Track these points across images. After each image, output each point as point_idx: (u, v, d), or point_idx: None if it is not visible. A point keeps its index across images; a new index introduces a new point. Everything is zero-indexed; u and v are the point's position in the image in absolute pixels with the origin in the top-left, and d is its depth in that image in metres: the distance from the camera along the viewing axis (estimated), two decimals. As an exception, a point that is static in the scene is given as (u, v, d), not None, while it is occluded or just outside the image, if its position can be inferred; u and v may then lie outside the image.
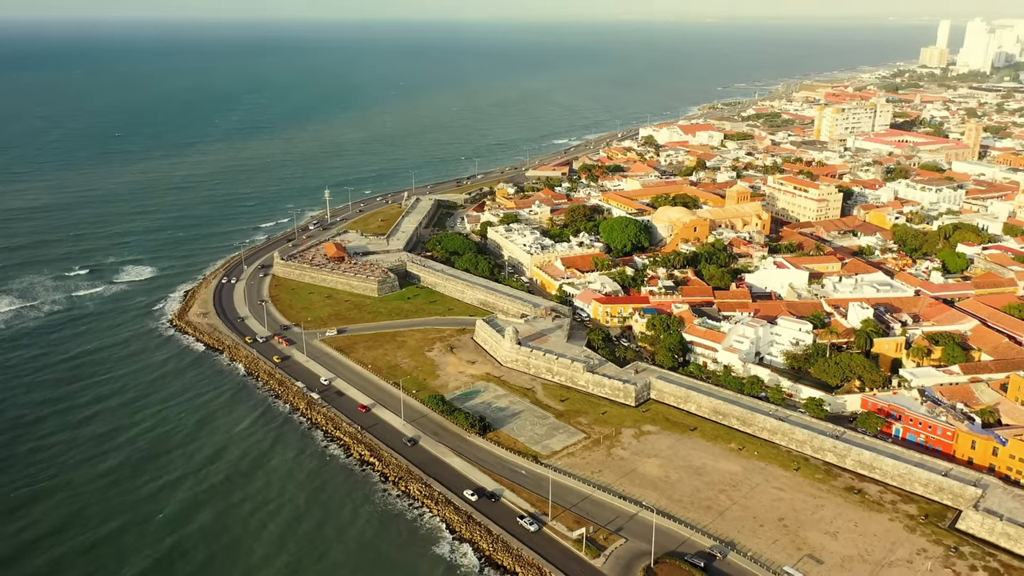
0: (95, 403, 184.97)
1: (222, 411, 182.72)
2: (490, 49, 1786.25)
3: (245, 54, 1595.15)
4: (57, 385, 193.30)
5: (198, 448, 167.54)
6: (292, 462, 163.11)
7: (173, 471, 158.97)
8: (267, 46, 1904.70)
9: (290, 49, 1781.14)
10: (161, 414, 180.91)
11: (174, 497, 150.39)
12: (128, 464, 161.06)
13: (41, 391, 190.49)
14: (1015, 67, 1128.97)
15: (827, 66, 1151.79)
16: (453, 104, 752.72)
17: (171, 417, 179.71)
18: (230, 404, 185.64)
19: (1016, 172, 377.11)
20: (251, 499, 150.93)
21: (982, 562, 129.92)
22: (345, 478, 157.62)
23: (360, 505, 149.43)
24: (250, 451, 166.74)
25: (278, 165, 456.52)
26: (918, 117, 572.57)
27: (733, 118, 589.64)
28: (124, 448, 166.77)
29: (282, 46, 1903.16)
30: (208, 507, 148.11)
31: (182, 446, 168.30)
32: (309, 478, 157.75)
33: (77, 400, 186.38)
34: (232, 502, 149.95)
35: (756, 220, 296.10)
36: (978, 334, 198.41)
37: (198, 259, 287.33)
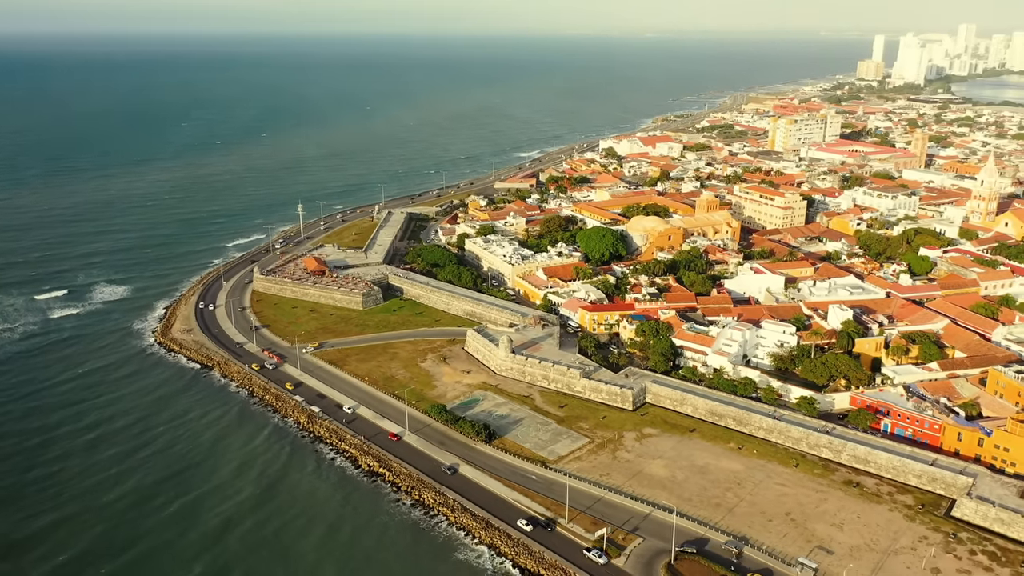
0: (99, 426, 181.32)
1: (232, 429, 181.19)
2: (438, 63, 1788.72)
3: (181, 69, 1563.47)
4: (56, 409, 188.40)
5: (216, 466, 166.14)
6: (313, 476, 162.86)
7: (195, 490, 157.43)
8: (203, 60, 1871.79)
9: (229, 63, 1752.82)
10: (172, 434, 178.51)
11: (202, 517, 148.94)
12: (149, 485, 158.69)
13: (41, 416, 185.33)
14: (946, 79, 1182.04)
15: (770, 79, 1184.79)
16: (409, 118, 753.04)
17: (183, 436, 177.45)
18: (239, 421, 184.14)
19: (963, 179, 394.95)
20: (279, 515, 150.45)
21: (980, 547, 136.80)
22: (367, 492, 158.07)
23: (389, 519, 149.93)
24: (268, 467, 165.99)
25: (239, 181, 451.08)
26: (864, 128, 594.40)
27: (688, 129, 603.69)
28: (140, 469, 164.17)
29: (219, 60, 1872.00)
30: (238, 526, 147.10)
31: (200, 464, 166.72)
32: (333, 491, 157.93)
33: (80, 423, 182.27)
34: (261, 519, 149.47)
35: (726, 228, 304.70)
36: (950, 332, 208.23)
37: (172, 277, 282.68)
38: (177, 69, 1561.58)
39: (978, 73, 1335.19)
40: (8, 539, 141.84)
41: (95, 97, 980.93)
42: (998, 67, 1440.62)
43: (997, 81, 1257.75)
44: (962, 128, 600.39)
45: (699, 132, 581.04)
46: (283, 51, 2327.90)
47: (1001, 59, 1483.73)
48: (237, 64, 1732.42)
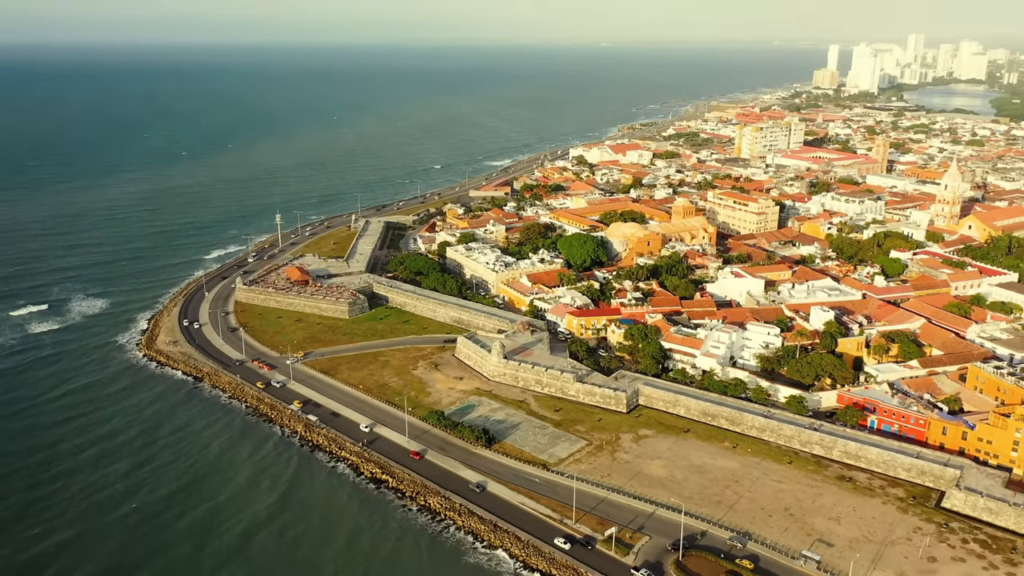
0: (100, 441, 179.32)
1: (235, 441, 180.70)
2: (399, 73, 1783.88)
3: (139, 79, 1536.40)
4: (53, 426, 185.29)
5: (225, 479, 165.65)
6: (324, 486, 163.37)
7: (206, 503, 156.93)
8: (163, 70, 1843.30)
9: (189, 74, 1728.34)
10: (175, 447, 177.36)
11: (218, 529, 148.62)
12: (159, 499, 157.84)
13: (39, 433, 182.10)
14: (898, 88, 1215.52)
15: (728, 88, 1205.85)
16: (376, 129, 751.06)
17: (187, 450, 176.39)
18: (241, 433, 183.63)
19: (925, 184, 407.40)
20: (295, 525, 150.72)
21: (971, 535, 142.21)
22: (377, 500, 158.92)
23: (398, 524, 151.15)
24: (278, 478, 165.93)
25: (209, 193, 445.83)
26: (826, 135, 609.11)
27: (655, 137, 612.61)
28: (148, 483, 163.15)
29: (180, 71, 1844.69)
30: (256, 537, 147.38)
31: (207, 477, 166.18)
32: (350, 501, 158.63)
33: (80, 439, 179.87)
34: (277, 529, 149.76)
35: (703, 233, 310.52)
36: (926, 331, 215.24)
37: (151, 290, 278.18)
38: (141, 79, 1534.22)
39: (928, 81, 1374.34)
40: (20, 560, 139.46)
41: (56, 107, 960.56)
42: (946, 76, 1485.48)
43: (945, 89, 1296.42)
44: (919, 135, 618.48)
45: (666, 140, 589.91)
46: (244, 62, 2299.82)
47: (948, 68, 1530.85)
48: (200, 75, 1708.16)
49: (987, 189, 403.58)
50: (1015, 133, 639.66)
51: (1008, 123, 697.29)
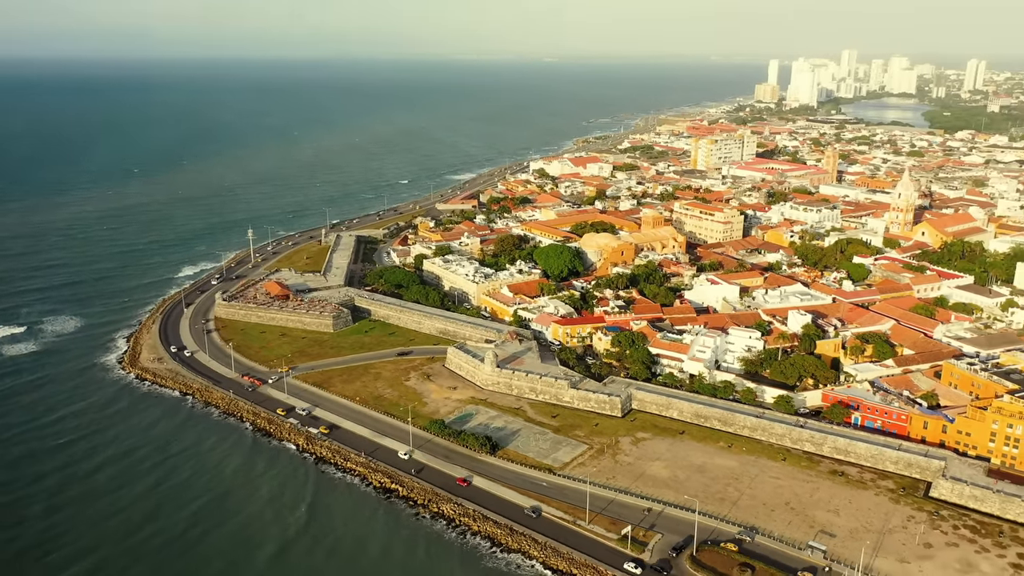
0: (112, 463, 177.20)
1: (247, 457, 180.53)
2: (349, 87, 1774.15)
3: (77, 93, 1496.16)
4: (58, 450, 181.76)
5: (245, 496, 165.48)
6: (344, 499, 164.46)
7: (230, 520, 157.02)
8: (103, 84, 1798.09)
9: (132, 88, 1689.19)
10: (188, 466, 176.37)
11: (248, 547, 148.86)
12: (183, 519, 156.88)
13: (45, 458, 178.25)
14: (835, 101, 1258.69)
15: (675, 102, 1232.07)
16: (332, 143, 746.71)
17: (201, 468, 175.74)
18: (252, 450, 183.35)
19: (875, 193, 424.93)
20: (325, 540, 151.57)
21: (960, 522, 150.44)
22: (397, 513, 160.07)
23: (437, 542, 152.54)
24: (300, 494, 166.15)
25: (170, 210, 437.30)
26: (776, 147, 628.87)
27: (611, 150, 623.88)
28: (169, 504, 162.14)
29: (122, 85, 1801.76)
30: (287, 555, 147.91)
31: (227, 495, 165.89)
32: (371, 513, 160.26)
33: (91, 462, 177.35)
34: (308, 545, 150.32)
35: (673, 243, 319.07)
36: (897, 332, 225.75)
37: (125, 310, 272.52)
38: (79, 93, 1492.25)
39: (862, 95, 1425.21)
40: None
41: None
42: (879, 90, 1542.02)
43: (879, 103, 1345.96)
44: (862, 146, 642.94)
45: (623, 153, 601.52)
46: (188, 75, 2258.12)
47: (881, 82, 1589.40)
48: (143, 88, 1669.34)
49: (933, 197, 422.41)
50: (950, 144, 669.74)
51: (943, 135, 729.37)
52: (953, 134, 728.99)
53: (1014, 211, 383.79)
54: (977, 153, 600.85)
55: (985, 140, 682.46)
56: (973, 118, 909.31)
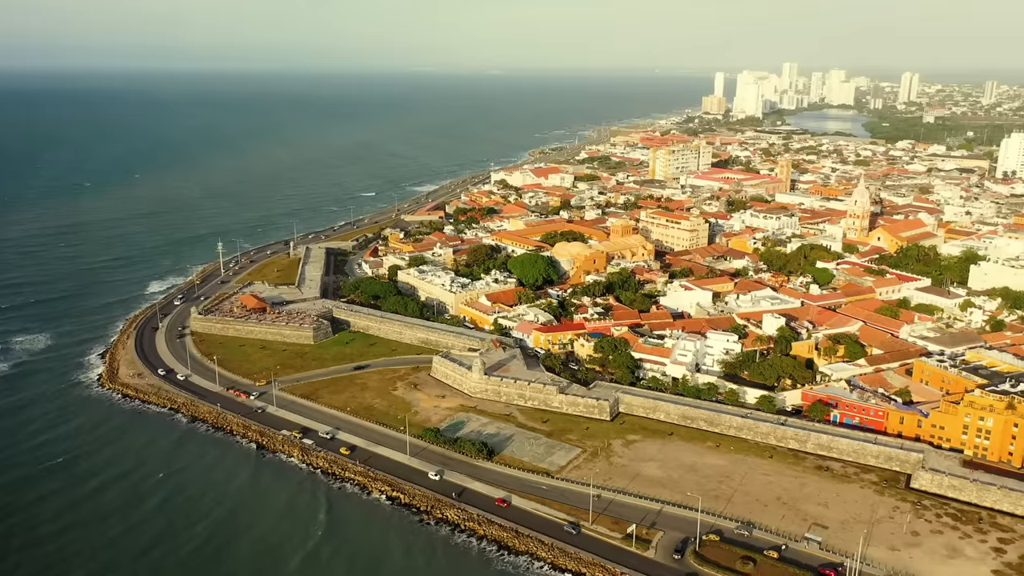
0: (115, 483, 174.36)
1: (253, 473, 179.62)
2: (299, 100, 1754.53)
3: (13, 106, 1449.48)
4: (56, 472, 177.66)
5: (258, 512, 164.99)
6: (358, 512, 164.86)
7: (245, 535, 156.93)
8: (43, 98, 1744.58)
9: (74, 101, 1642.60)
10: (194, 484, 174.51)
11: (273, 563, 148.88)
12: (203, 536, 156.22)
13: (45, 482, 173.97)
14: (779, 113, 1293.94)
15: (625, 114, 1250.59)
16: (286, 157, 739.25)
17: (212, 482, 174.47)
18: (256, 466, 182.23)
19: (829, 201, 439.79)
20: (345, 551, 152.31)
21: (942, 510, 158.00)
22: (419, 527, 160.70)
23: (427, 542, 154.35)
24: (312, 506, 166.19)
25: (128, 225, 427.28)
26: (729, 157, 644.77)
27: (569, 161, 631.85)
28: (185, 519, 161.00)
29: (66, 97, 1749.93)
30: (317, 564, 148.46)
31: (238, 510, 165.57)
32: (385, 525, 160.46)
33: (95, 482, 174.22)
34: (327, 558, 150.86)
35: (642, 250, 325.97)
36: (865, 333, 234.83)
37: (96, 329, 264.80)
38: (16, 106, 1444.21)
39: (804, 107, 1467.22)
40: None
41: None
42: (819, 101, 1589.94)
43: (820, 114, 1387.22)
44: (810, 156, 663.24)
45: (581, 163, 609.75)
46: (129, 88, 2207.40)
47: (820, 94, 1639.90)
48: (83, 101, 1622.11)
49: (883, 204, 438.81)
50: (893, 153, 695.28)
51: (885, 144, 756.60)
52: (894, 144, 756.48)
53: (960, 216, 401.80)
54: (919, 162, 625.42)
55: (925, 149, 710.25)
56: (911, 128, 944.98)
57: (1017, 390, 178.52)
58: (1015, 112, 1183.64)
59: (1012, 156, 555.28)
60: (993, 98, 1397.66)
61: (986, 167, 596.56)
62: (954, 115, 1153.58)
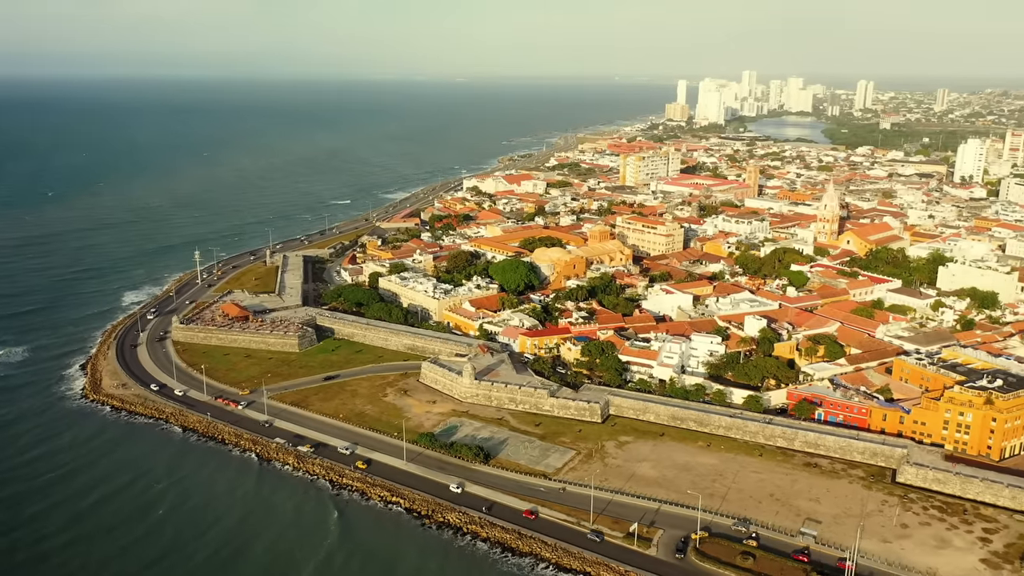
0: (115, 496, 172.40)
1: (257, 483, 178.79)
2: (262, 107, 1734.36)
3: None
4: (53, 488, 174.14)
5: (264, 521, 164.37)
6: (368, 519, 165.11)
7: (258, 545, 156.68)
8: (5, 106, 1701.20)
9: (32, 108, 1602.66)
10: (198, 495, 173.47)
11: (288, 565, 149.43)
12: (213, 545, 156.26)
13: (42, 497, 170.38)
14: (740, 119, 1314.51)
15: (590, 120, 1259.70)
16: (252, 165, 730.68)
17: (214, 492, 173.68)
18: (259, 476, 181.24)
19: (797, 205, 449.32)
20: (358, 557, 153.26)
21: (928, 503, 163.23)
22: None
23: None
24: (320, 515, 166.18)
25: (95, 236, 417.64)
26: (696, 163, 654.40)
27: (540, 168, 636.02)
28: (192, 530, 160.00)
29: (22, 105, 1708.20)
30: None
31: (246, 519, 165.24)
32: (394, 532, 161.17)
33: (91, 497, 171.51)
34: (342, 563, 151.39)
35: (619, 255, 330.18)
36: (842, 333, 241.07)
37: (73, 340, 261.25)
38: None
39: (764, 114, 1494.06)
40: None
41: None
42: (778, 108, 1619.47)
43: (779, 121, 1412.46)
44: (774, 162, 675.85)
45: (552, 170, 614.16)
46: (81, 96, 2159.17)
47: (780, 101, 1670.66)
48: (37, 110, 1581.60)
49: (849, 209, 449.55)
50: (853, 159, 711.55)
51: (845, 150, 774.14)
52: (854, 150, 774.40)
53: (923, 220, 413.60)
54: (880, 167, 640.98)
55: (884, 155, 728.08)
56: (868, 134, 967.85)
57: (994, 386, 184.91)
58: (966, 119, 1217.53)
59: (969, 161, 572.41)
60: (945, 105, 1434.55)
61: (944, 172, 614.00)
62: (909, 122, 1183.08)
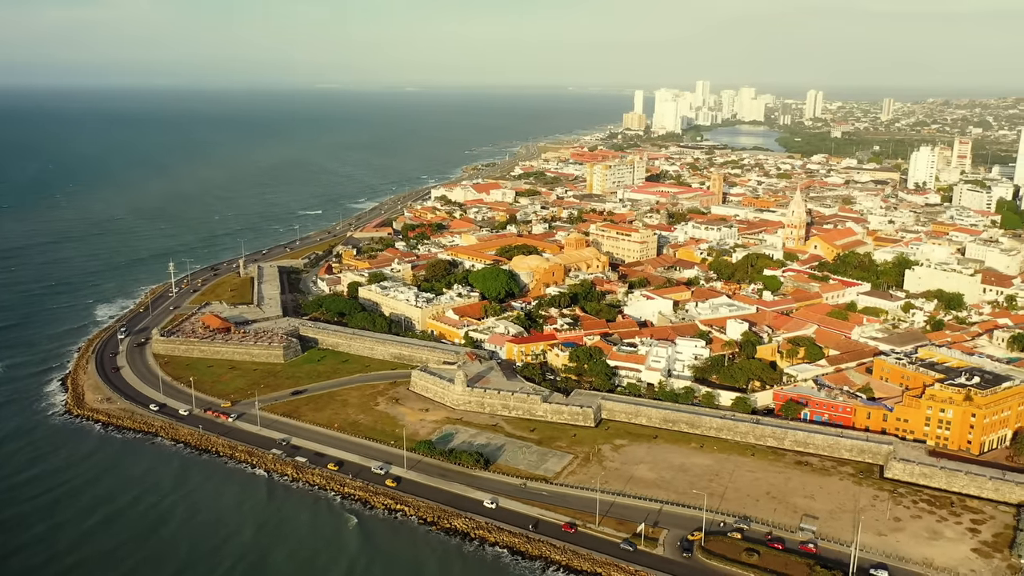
0: (122, 513, 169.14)
1: (266, 498, 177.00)
2: (213, 116, 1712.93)
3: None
4: (56, 509, 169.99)
5: (280, 536, 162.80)
6: (389, 533, 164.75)
7: (285, 554, 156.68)
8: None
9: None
10: (210, 508, 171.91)
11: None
12: (233, 558, 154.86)
13: (45, 519, 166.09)
14: (696, 128, 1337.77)
15: (549, 130, 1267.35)
16: (212, 175, 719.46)
17: (228, 507, 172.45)
18: (268, 491, 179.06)
19: (762, 212, 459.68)
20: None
21: (917, 497, 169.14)
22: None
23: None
24: (339, 531, 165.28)
25: (59, 249, 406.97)
26: (660, 171, 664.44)
27: (505, 176, 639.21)
28: (207, 543, 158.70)
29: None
30: None
31: (261, 529, 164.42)
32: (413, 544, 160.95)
33: (98, 515, 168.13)
34: None
35: (596, 262, 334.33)
36: (820, 335, 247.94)
37: (49, 356, 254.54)
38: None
39: (718, 123, 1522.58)
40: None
41: None
42: (731, 117, 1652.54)
43: (733, 130, 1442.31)
44: (735, 170, 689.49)
45: (518, 179, 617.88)
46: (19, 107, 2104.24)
47: (732, 111, 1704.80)
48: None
49: (812, 215, 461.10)
50: (809, 167, 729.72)
51: (801, 158, 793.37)
52: (810, 157, 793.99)
53: (884, 225, 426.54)
54: (836, 174, 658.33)
55: (838, 163, 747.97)
56: (821, 143, 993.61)
57: (973, 383, 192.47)
58: (912, 127, 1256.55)
59: (922, 168, 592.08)
60: (891, 115, 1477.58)
61: (897, 179, 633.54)
62: (858, 130, 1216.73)
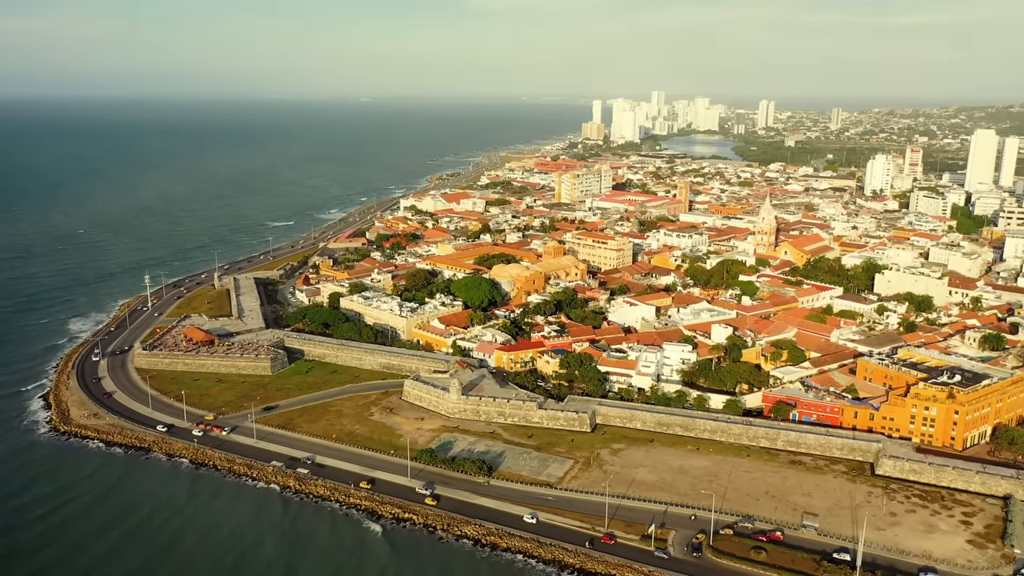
0: (138, 531, 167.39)
1: (284, 513, 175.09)
2: (162, 127, 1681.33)
3: None
4: (66, 531, 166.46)
5: (303, 549, 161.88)
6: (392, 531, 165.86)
7: (311, 566, 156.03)
8: None
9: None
10: (227, 525, 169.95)
11: None
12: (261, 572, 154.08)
13: (60, 541, 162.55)
14: (653, 138, 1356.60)
15: (508, 140, 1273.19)
16: (170, 187, 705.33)
17: (244, 524, 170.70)
18: (283, 507, 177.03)
19: (729, 219, 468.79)
20: None
21: (909, 492, 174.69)
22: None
23: None
24: (363, 543, 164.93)
25: (22, 264, 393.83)
26: (625, 180, 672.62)
27: (472, 186, 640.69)
28: (227, 554, 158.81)
29: None
30: None
31: (284, 540, 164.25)
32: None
33: (114, 533, 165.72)
34: None
35: (574, 270, 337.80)
36: (800, 338, 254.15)
37: (26, 375, 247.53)
38: None
39: (675, 133, 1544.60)
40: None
41: None
42: (687, 127, 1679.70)
43: (689, 139, 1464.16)
44: (697, 179, 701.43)
45: (486, 189, 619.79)
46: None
47: (688, 120, 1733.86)
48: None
49: (778, 221, 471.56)
50: (768, 175, 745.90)
51: (759, 166, 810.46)
52: (767, 166, 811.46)
53: (848, 231, 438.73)
54: (795, 182, 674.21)
55: (796, 170, 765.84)
56: (776, 151, 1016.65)
57: (954, 381, 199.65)
58: (860, 136, 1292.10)
59: (878, 176, 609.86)
60: (839, 124, 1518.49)
61: (854, 186, 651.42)
62: (810, 139, 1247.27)
